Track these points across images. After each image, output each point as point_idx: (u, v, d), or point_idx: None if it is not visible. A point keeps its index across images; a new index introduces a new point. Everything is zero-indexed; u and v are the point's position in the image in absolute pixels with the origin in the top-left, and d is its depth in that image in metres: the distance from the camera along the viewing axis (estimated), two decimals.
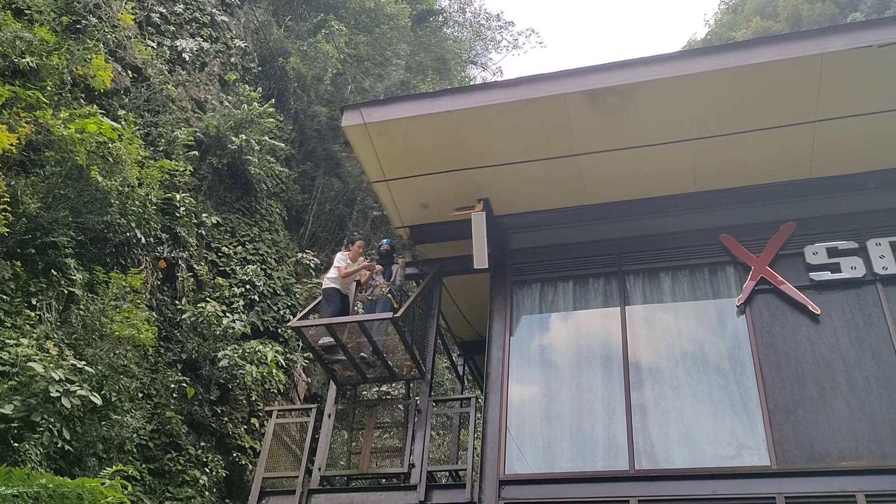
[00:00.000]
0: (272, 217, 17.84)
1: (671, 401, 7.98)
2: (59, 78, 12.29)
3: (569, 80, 8.57)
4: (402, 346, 8.99)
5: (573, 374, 8.57)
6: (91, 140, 11.46)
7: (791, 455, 7.22)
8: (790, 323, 8.07)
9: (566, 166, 9.07)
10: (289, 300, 16.47)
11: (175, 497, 11.91)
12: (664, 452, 7.66)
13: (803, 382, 7.63)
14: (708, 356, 8.24)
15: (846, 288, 8.12)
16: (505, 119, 8.75)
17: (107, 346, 10.84)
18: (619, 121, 8.58)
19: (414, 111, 9.08)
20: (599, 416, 8.10)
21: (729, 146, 8.62)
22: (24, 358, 9.12)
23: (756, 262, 8.49)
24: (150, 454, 11.97)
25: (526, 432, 8.24)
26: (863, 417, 7.26)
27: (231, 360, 13.26)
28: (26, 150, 11.17)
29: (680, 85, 8.25)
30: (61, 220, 10.98)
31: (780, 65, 7.93)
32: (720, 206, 9.02)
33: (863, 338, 7.76)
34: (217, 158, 16.42)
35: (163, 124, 15.29)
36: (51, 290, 10.69)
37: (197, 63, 18.10)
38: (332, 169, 20.76)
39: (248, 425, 14.12)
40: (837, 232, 8.42)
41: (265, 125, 17.44)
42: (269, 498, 8.74)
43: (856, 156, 8.51)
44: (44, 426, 8.92)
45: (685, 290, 8.78)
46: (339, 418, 9.53)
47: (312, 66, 20.85)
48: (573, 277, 9.23)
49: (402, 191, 9.70)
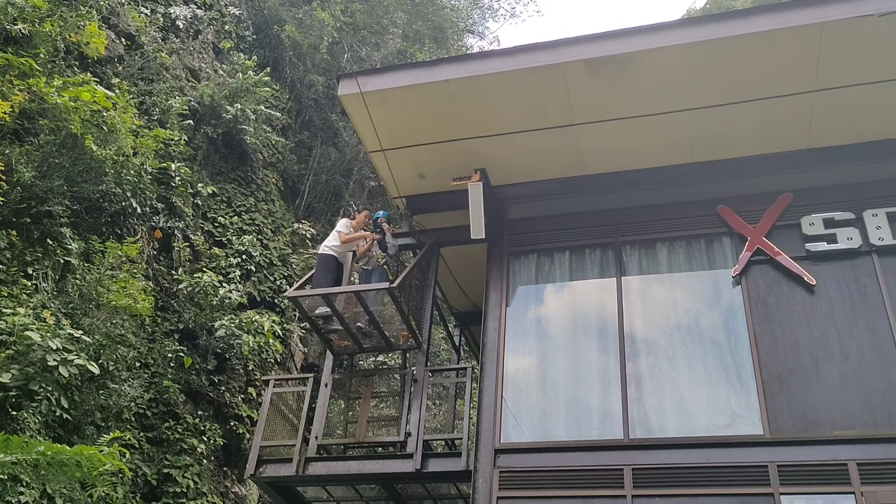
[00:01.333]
0: (268, 187, 17.78)
1: (666, 371, 8.02)
2: (52, 45, 12.17)
3: (567, 49, 8.49)
4: (398, 316, 9.01)
5: (569, 345, 8.60)
6: (85, 108, 11.38)
7: (784, 424, 7.28)
8: (785, 293, 8.10)
9: (564, 136, 9.02)
10: (285, 270, 16.49)
11: (173, 465, 12.02)
12: (658, 421, 7.72)
13: (797, 352, 7.67)
14: (703, 326, 8.27)
15: (842, 258, 8.12)
16: (502, 89, 8.68)
17: (103, 315, 10.86)
18: (617, 90, 8.53)
19: (411, 80, 9.00)
20: (595, 385, 8.14)
21: (727, 116, 8.58)
22: (21, 327, 9.13)
23: (752, 232, 8.49)
24: (147, 423, 12.05)
25: (522, 402, 8.29)
26: (856, 387, 7.31)
27: (228, 330, 13.31)
28: (20, 118, 11.09)
29: (678, 54, 8.18)
30: (56, 189, 10.93)
31: (779, 34, 7.87)
32: (718, 177, 9.00)
33: (857, 308, 7.78)
34: (212, 128, 16.32)
35: (157, 93, 15.17)
36: (47, 260, 10.68)
37: (191, 31, 17.91)
38: (329, 139, 20.66)
39: (246, 394, 14.20)
40: (834, 202, 8.40)
41: (261, 94, 17.31)
42: (266, 466, 8.81)
43: (854, 126, 8.48)
44: (42, 395, 8.96)
45: (681, 261, 8.79)
46: (336, 388, 9.58)
47: (308, 35, 20.64)
48: (570, 248, 9.22)
49: (399, 161, 9.66)
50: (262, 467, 8.78)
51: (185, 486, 11.97)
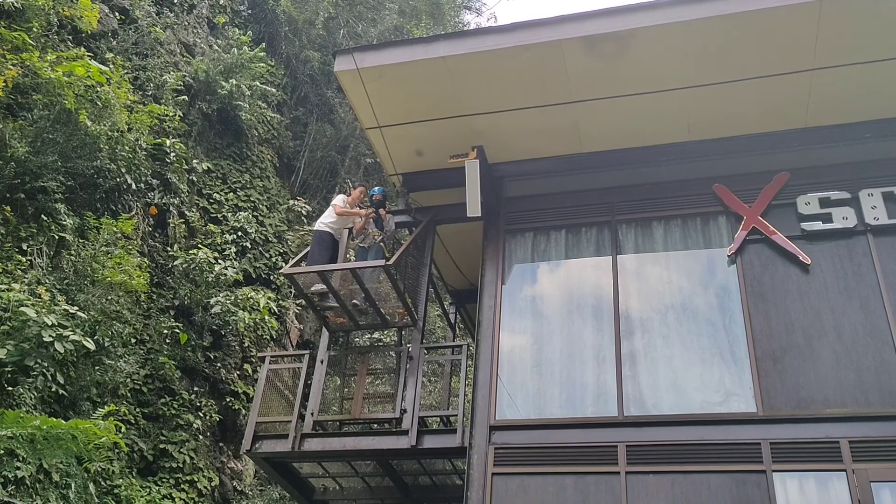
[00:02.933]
0: (264, 164, 17.71)
1: (660, 349, 8.05)
2: (45, 19, 12.05)
3: (565, 26, 8.44)
4: (394, 293, 9.01)
5: (564, 323, 8.62)
6: (79, 83, 11.30)
7: (777, 402, 7.33)
8: (780, 272, 8.12)
9: (562, 114, 8.99)
10: (280, 247, 16.47)
11: (169, 440, 12.08)
12: (653, 399, 7.76)
13: (791, 331, 7.71)
14: (698, 305, 8.30)
15: (837, 238, 8.14)
16: (500, 65, 8.63)
17: (99, 291, 10.85)
18: (615, 68, 8.48)
19: (407, 57, 8.94)
20: (589, 363, 8.18)
21: (725, 94, 8.55)
22: (16, 303, 9.13)
23: (748, 211, 8.49)
24: (143, 399, 12.09)
25: (517, 379, 8.32)
26: (849, 365, 7.36)
27: (223, 307, 13.32)
28: (13, 93, 11.01)
29: (677, 31, 8.14)
30: (50, 164, 10.88)
31: (778, 11, 7.82)
32: (714, 156, 8.99)
33: (852, 287, 7.82)
34: (207, 104, 16.22)
35: (151, 68, 15.06)
36: (41, 236, 10.65)
37: (185, 5, 17.75)
38: (324, 115, 20.55)
39: (241, 371, 14.25)
40: (830, 182, 8.41)
41: (256, 70, 17.19)
42: (262, 442, 8.85)
43: (852, 105, 8.46)
44: (37, 370, 8.97)
45: (677, 240, 8.80)
46: (332, 364, 9.60)
47: (304, 10, 20.46)
48: (566, 226, 9.23)
49: (396, 138, 9.62)
50: (258, 443, 8.82)
51: (182, 462, 12.04)
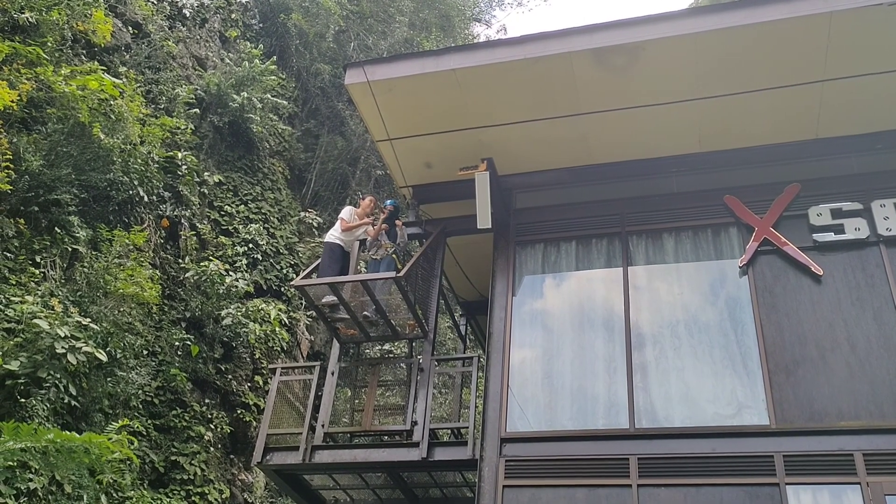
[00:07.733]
0: (275, 176, 17.79)
1: (672, 360, 8.02)
2: (59, 34, 12.19)
3: (574, 39, 8.46)
4: (404, 305, 9.02)
5: (575, 334, 8.60)
6: (93, 97, 11.41)
7: (790, 414, 7.28)
8: (792, 284, 8.08)
9: (571, 126, 9.00)
10: (291, 259, 16.52)
11: (181, 452, 12.10)
12: (664, 411, 7.72)
13: (804, 343, 7.66)
14: (709, 316, 8.26)
15: (849, 249, 8.10)
16: (510, 78, 8.66)
17: (111, 303, 10.91)
18: (624, 80, 8.50)
19: (418, 69, 8.98)
20: (601, 375, 8.15)
21: (735, 106, 8.55)
22: (29, 315, 9.19)
23: (759, 223, 8.47)
24: (155, 410, 12.12)
25: (527, 391, 8.30)
26: (862, 377, 7.30)
27: (234, 319, 13.36)
28: (28, 107, 11.12)
29: (686, 43, 8.15)
30: (64, 177, 10.97)
31: (788, 23, 7.82)
32: (725, 167, 8.97)
33: (864, 298, 7.76)
34: (218, 116, 16.33)
35: (163, 82, 15.18)
36: (55, 248, 10.73)
37: (197, 19, 17.90)
38: (335, 127, 20.64)
39: (252, 383, 14.27)
40: (842, 193, 8.37)
41: (267, 83, 17.30)
42: (273, 453, 8.85)
43: (863, 116, 8.44)
44: (50, 382, 9.02)
45: (688, 251, 8.77)
46: (342, 376, 9.60)
47: (314, 23, 20.59)
48: (576, 238, 9.21)
49: (406, 150, 9.65)
50: (269, 455, 8.82)
51: (193, 474, 12.05)
